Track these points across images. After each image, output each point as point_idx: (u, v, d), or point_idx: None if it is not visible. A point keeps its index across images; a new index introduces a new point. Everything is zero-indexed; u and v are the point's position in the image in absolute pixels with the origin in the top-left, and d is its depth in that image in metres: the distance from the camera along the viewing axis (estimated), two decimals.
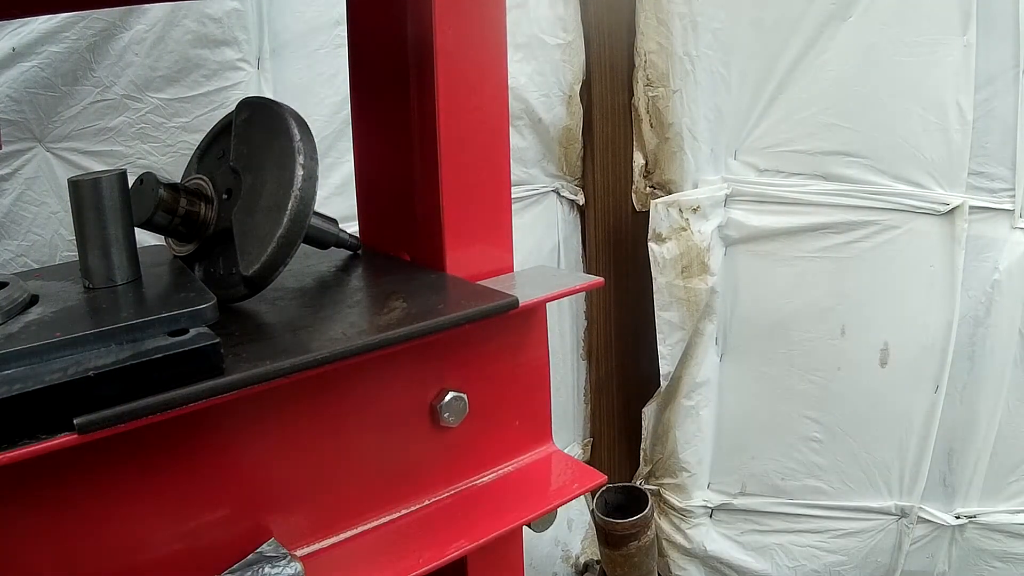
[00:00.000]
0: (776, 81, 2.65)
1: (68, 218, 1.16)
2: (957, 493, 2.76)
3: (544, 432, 1.44)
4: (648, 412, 3.07)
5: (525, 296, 1.25)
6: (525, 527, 1.33)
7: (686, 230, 2.72)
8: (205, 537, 1.05)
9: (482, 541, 1.23)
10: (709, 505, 3.07)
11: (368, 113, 1.53)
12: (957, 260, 2.54)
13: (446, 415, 1.24)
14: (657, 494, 3.12)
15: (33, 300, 1.07)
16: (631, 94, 2.88)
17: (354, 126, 1.57)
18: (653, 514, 2.59)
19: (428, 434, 1.26)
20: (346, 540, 1.20)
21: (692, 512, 3.05)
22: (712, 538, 3.08)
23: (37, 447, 0.83)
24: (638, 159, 2.91)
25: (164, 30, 1.89)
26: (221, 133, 1.34)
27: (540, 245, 2.84)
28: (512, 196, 1.43)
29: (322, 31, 2.13)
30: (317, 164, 1.17)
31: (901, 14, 2.44)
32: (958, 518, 2.76)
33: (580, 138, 2.86)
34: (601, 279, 1.39)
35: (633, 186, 2.94)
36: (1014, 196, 2.48)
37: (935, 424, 2.68)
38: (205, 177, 1.28)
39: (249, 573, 1.05)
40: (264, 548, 1.09)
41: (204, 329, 0.98)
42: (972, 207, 2.50)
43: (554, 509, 1.34)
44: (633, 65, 2.84)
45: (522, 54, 2.58)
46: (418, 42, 1.32)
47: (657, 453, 3.10)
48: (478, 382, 1.30)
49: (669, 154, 2.80)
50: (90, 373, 0.86)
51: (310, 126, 1.21)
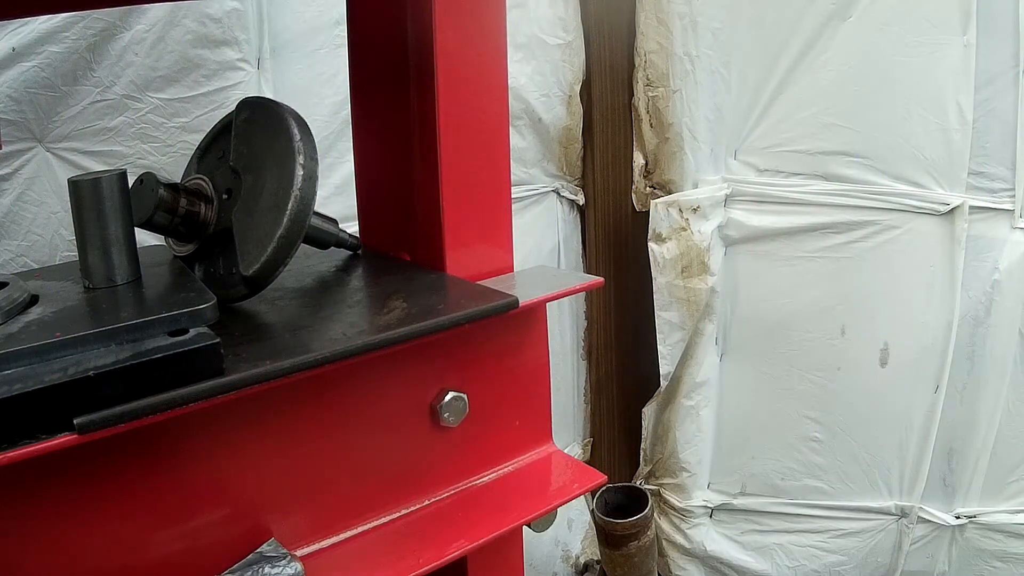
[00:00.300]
0: (776, 81, 2.65)
1: (68, 218, 1.16)
2: (957, 493, 2.76)
3: (544, 432, 1.44)
4: (648, 412, 3.07)
5: (525, 296, 1.25)
6: (525, 527, 1.33)
7: (686, 230, 2.72)
8: (205, 537, 1.05)
9: (482, 541, 1.23)
10: (709, 505, 3.07)
11: (368, 113, 1.53)
12: (957, 260, 2.54)
13: (446, 415, 1.24)
14: (657, 494, 3.11)
15: (33, 300, 1.07)
16: (631, 94, 2.88)
17: (354, 126, 1.57)
18: (653, 514, 2.59)
19: (428, 434, 1.26)
20: (346, 540, 1.19)
21: (692, 512, 3.05)
22: (712, 538, 3.08)
23: (37, 447, 0.83)
24: (638, 159, 2.91)
25: (164, 30, 1.89)
26: (221, 133, 1.34)
27: (540, 245, 2.84)
28: (512, 196, 1.43)
29: (322, 31, 2.13)
30: (317, 164, 1.17)
31: (901, 14, 2.44)
32: (958, 518, 2.76)
33: (580, 138, 2.86)
34: (601, 279, 1.39)
35: (633, 186, 2.94)
36: (1014, 196, 2.48)
37: (935, 424, 2.68)
38: (205, 177, 1.28)
39: (249, 573, 1.05)
40: (264, 548, 1.08)
41: (204, 329, 0.98)
42: (972, 207, 2.50)
43: (554, 509, 1.34)
44: (633, 65, 2.84)
45: (522, 54, 2.58)
46: (418, 42, 1.31)
47: (657, 453, 3.10)
48: (478, 382, 1.30)
49: (669, 154, 2.80)
50: (90, 373, 0.86)
51: (310, 126, 1.21)
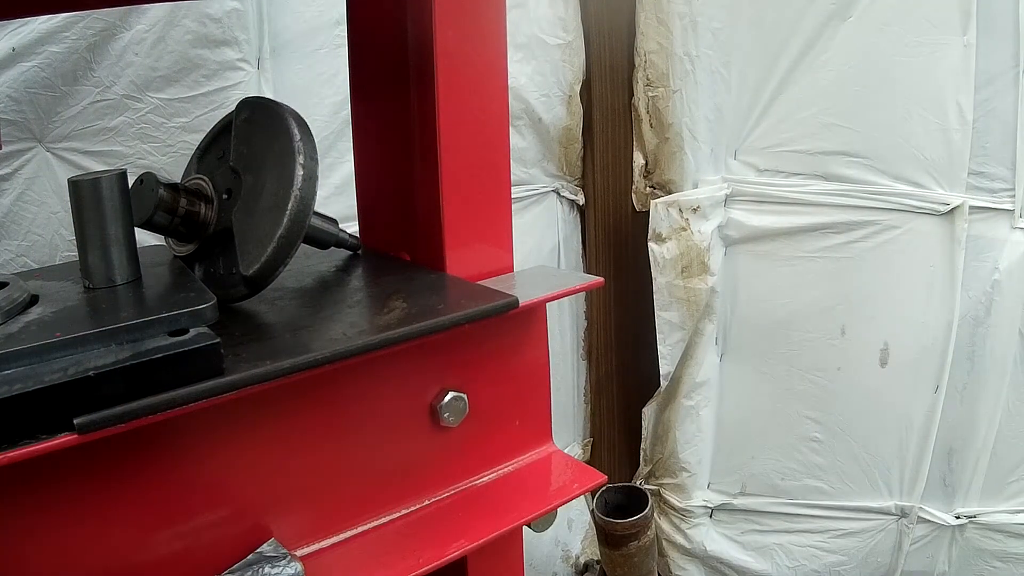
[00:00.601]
0: (776, 81, 2.65)
1: (68, 218, 1.16)
2: (957, 493, 2.76)
3: (544, 432, 1.44)
4: (648, 412, 3.07)
5: (525, 296, 1.25)
6: (525, 527, 1.33)
7: (686, 230, 2.72)
8: (205, 537, 1.05)
9: (482, 541, 1.23)
10: (709, 505, 3.07)
11: (368, 113, 1.53)
12: (957, 260, 2.54)
13: (446, 415, 1.24)
14: (657, 494, 3.12)
15: (33, 300, 1.07)
16: (631, 94, 2.88)
17: (354, 126, 1.57)
18: (653, 514, 2.59)
19: (428, 434, 1.26)
20: (346, 540, 1.19)
21: (692, 512, 3.05)
22: (712, 538, 3.08)
23: (37, 447, 0.83)
24: (638, 159, 2.91)
25: (164, 30, 1.89)
26: (221, 133, 1.34)
27: (540, 245, 2.84)
28: (512, 196, 1.43)
29: (322, 31, 2.13)
30: (317, 164, 1.17)
31: (901, 14, 2.44)
32: (958, 518, 2.76)
33: (580, 138, 2.86)
34: (601, 279, 1.39)
35: (633, 186, 2.94)
36: (1014, 196, 2.48)
37: (935, 424, 2.68)
38: (205, 177, 1.28)
39: (249, 573, 1.05)
40: (264, 548, 1.08)
41: (204, 329, 0.98)
42: (972, 207, 2.50)
43: (554, 509, 1.34)
44: (633, 65, 2.84)
45: (522, 54, 2.58)
46: (418, 42, 1.31)
47: (657, 453, 3.10)
48: (478, 382, 1.30)
49: (669, 154, 2.80)
50: (90, 373, 0.86)
51: (310, 126, 1.21)
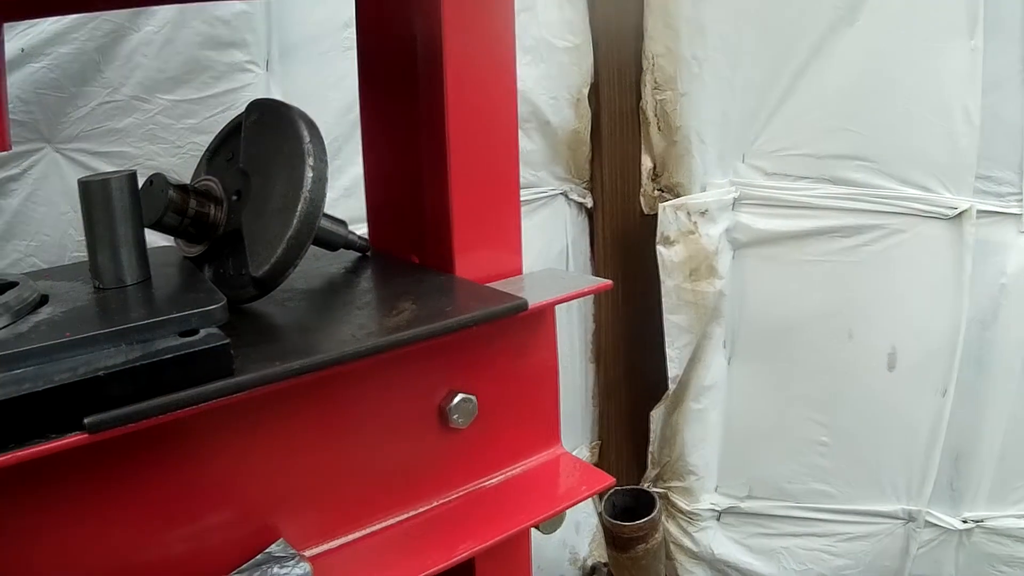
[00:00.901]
0: (783, 85, 2.64)
1: (77, 218, 1.16)
2: (964, 497, 2.75)
3: (552, 434, 1.44)
4: (656, 415, 3.06)
5: (534, 298, 1.25)
6: (533, 529, 1.33)
7: (694, 233, 2.72)
8: (213, 537, 1.06)
9: (490, 543, 1.23)
10: (717, 508, 3.06)
11: (377, 115, 1.54)
12: (964, 264, 2.53)
13: (455, 417, 1.25)
14: (665, 497, 3.11)
15: (43, 300, 1.08)
16: (639, 97, 2.88)
17: (363, 128, 1.57)
18: (661, 517, 2.59)
19: (436, 436, 1.26)
20: (354, 541, 1.20)
21: (699, 515, 3.05)
22: (719, 541, 3.08)
23: (47, 446, 0.83)
24: (646, 162, 2.91)
25: (173, 32, 1.89)
26: (230, 135, 1.34)
27: (548, 248, 2.84)
28: (521, 199, 1.43)
29: (331, 33, 2.13)
30: (326, 166, 1.17)
31: (907, 18, 2.44)
32: (965, 522, 2.75)
33: (588, 141, 2.85)
34: (609, 282, 1.39)
35: (641, 189, 2.94)
36: (1021, 200, 2.47)
37: (942, 428, 2.67)
38: (214, 179, 1.28)
39: (257, 573, 1.05)
40: (272, 548, 1.09)
41: (214, 330, 0.98)
42: (979, 211, 2.49)
43: (562, 511, 1.34)
44: (641, 68, 2.84)
45: (530, 57, 2.58)
46: (427, 44, 1.32)
47: (665, 456, 3.10)
48: (487, 384, 1.30)
49: (677, 157, 2.80)
50: (100, 373, 0.86)
51: (319, 128, 1.21)
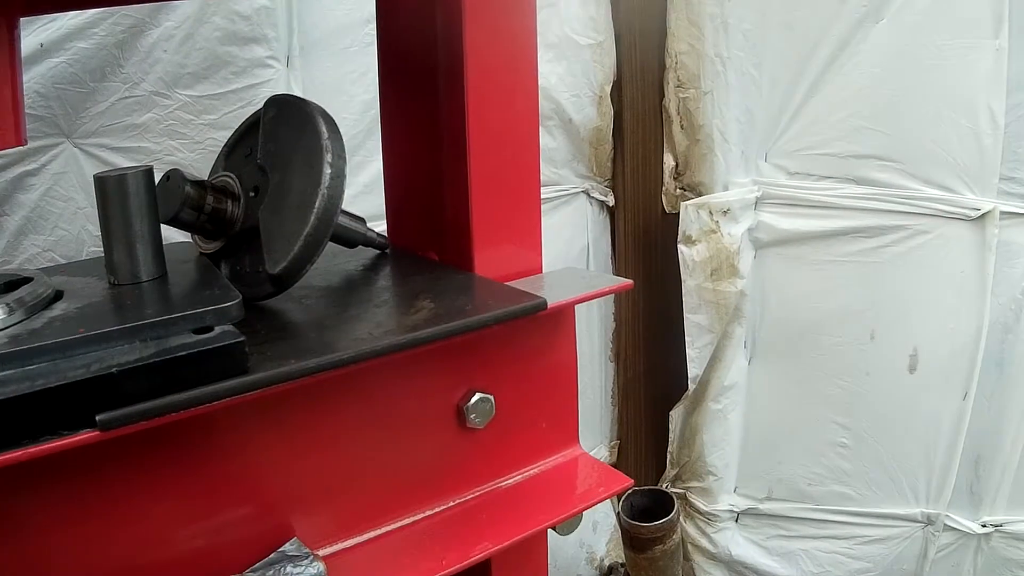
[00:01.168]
0: (807, 83, 2.63)
1: (95, 214, 1.16)
2: (984, 501, 2.74)
3: (571, 435, 1.43)
4: (675, 415, 3.05)
5: (554, 298, 1.24)
6: (550, 530, 1.32)
7: (716, 232, 2.71)
8: (227, 535, 1.05)
9: (507, 543, 1.22)
10: (735, 509, 3.05)
11: (397, 112, 1.53)
12: (987, 266, 2.51)
13: (472, 416, 1.24)
14: (683, 498, 3.10)
15: (57, 296, 1.07)
16: (662, 95, 2.87)
17: (383, 125, 1.56)
18: (679, 518, 2.58)
19: (454, 435, 1.26)
20: (369, 540, 1.19)
21: (718, 516, 3.04)
22: (737, 543, 3.07)
23: (59, 443, 0.83)
24: (668, 161, 2.90)
25: (193, 27, 1.89)
26: (249, 130, 1.34)
27: (569, 246, 2.83)
28: (542, 196, 1.43)
29: (352, 29, 2.12)
30: (345, 162, 1.16)
31: (933, 17, 2.42)
32: (984, 526, 2.73)
33: (610, 139, 2.85)
34: (630, 282, 1.38)
35: (663, 188, 2.93)
36: None
37: (963, 431, 2.65)
38: (232, 174, 1.28)
39: (271, 572, 1.04)
40: (287, 547, 1.08)
41: (229, 327, 0.97)
42: (1003, 212, 2.48)
43: (580, 512, 1.33)
44: (664, 66, 2.83)
45: (553, 54, 2.57)
46: (448, 40, 1.31)
47: (684, 456, 3.09)
48: (505, 384, 1.29)
49: (699, 156, 2.79)
50: (113, 370, 0.85)
51: (339, 124, 1.20)
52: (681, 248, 2.77)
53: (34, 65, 1.77)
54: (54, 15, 1.76)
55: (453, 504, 1.28)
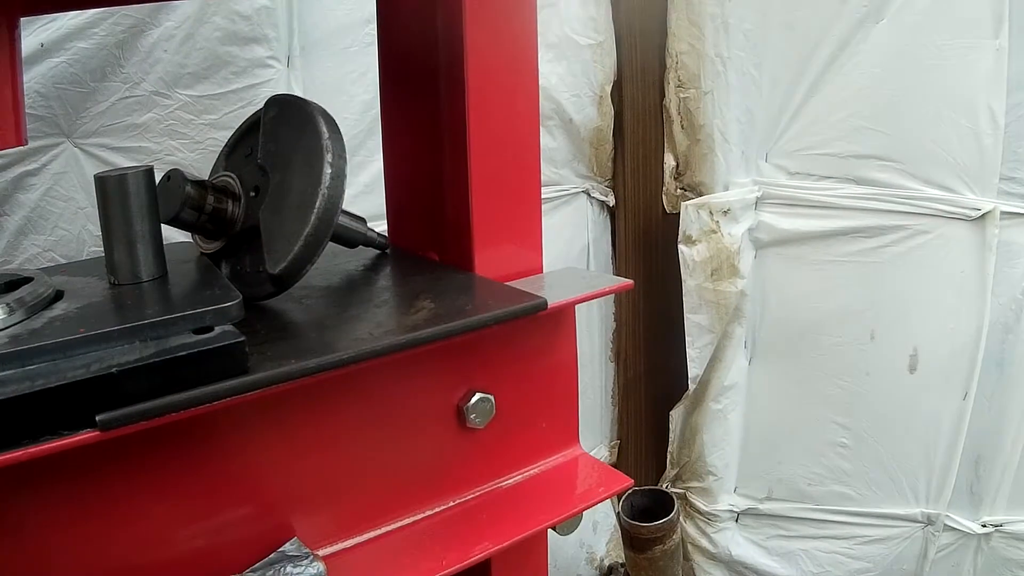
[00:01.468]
0: (807, 83, 2.63)
1: (95, 213, 1.16)
2: (984, 501, 2.74)
3: (571, 435, 1.43)
4: (675, 415, 3.05)
5: (554, 298, 1.24)
6: (550, 530, 1.32)
7: (716, 232, 2.70)
8: (227, 535, 1.05)
9: (507, 543, 1.22)
10: (735, 509, 3.05)
11: (398, 112, 1.53)
12: (987, 266, 2.51)
13: (472, 416, 1.24)
14: (683, 498, 3.10)
15: (58, 295, 1.07)
16: (662, 95, 2.87)
17: (383, 124, 1.56)
18: (679, 518, 2.58)
19: (454, 435, 1.26)
20: (369, 540, 1.19)
21: (718, 516, 3.04)
22: (737, 543, 3.07)
23: (59, 443, 0.83)
24: (669, 161, 2.90)
25: (194, 27, 1.89)
26: (249, 130, 1.34)
27: (570, 246, 2.83)
28: (542, 197, 1.42)
29: (352, 29, 2.12)
30: (345, 162, 1.16)
31: (933, 17, 2.42)
32: (984, 527, 2.73)
33: (611, 139, 2.85)
34: (630, 282, 1.38)
35: (664, 188, 2.93)
36: None
37: (963, 431, 2.65)
38: (233, 174, 1.28)
39: (271, 572, 1.04)
40: (286, 547, 1.08)
41: (229, 327, 0.97)
42: (1003, 212, 2.47)
43: (580, 512, 1.33)
44: (664, 66, 2.83)
45: (553, 54, 2.57)
46: (448, 40, 1.31)
47: (684, 456, 3.09)
48: (505, 384, 1.29)
49: (700, 156, 2.79)
50: (113, 370, 0.85)
51: (339, 124, 1.20)
52: (681, 248, 2.77)
53: (34, 65, 1.77)
54: (54, 15, 1.77)
55: (453, 504, 1.28)
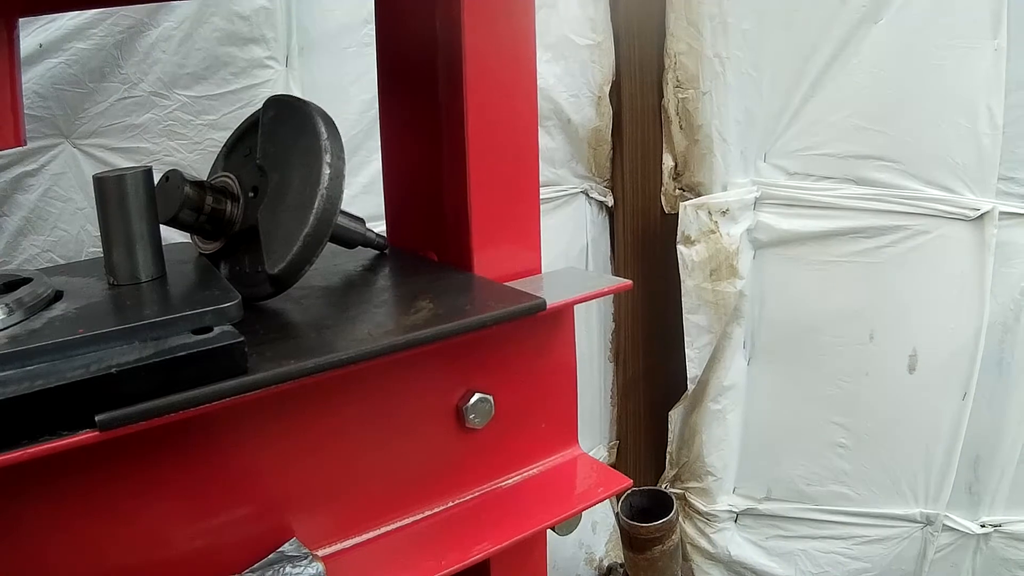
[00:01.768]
0: (807, 84, 2.63)
1: (94, 214, 1.16)
2: (982, 501, 2.74)
3: (570, 435, 1.43)
4: (674, 415, 3.05)
5: (553, 298, 1.24)
6: (549, 530, 1.32)
7: (715, 233, 2.70)
8: (226, 535, 1.05)
9: (506, 544, 1.22)
10: (734, 510, 3.05)
11: (396, 112, 1.53)
12: (986, 266, 2.51)
13: (471, 417, 1.24)
14: (682, 498, 3.10)
15: (57, 296, 1.07)
16: (661, 95, 2.87)
17: (382, 125, 1.56)
18: (678, 518, 2.58)
19: (453, 436, 1.26)
20: (368, 541, 1.19)
21: (717, 516, 3.04)
22: (736, 543, 3.07)
23: (58, 443, 0.83)
24: (667, 161, 2.90)
25: (192, 27, 1.89)
26: (248, 131, 1.34)
27: (568, 247, 2.83)
28: (541, 197, 1.42)
29: (351, 29, 2.12)
30: (344, 163, 1.16)
31: (932, 17, 2.42)
32: (983, 527, 2.73)
33: (609, 139, 2.85)
34: (629, 282, 1.38)
35: (662, 188, 2.93)
36: None
37: (962, 431, 2.65)
38: (231, 175, 1.28)
39: (270, 572, 1.04)
40: (286, 547, 1.08)
41: (228, 327, 0.97)
42: (1002, 213, 2.47)
43: (579, 513, 1.33)
44: (663, 66, 2.83)
45: (551, 54, 2.57)
46: (447, 41, 1.31)
47: (683, 457, 3.09)
48: (504, 384, 1.29)
49: (699, 156, 2.79)
50: (112, 370, 0.85)
51: (338, 125, 1.20)
52: (680, 248, 2.77)
53: (33, 65, 1.77)
54: (53, 15, 1.76)
55: (453, 504, 1.28)
